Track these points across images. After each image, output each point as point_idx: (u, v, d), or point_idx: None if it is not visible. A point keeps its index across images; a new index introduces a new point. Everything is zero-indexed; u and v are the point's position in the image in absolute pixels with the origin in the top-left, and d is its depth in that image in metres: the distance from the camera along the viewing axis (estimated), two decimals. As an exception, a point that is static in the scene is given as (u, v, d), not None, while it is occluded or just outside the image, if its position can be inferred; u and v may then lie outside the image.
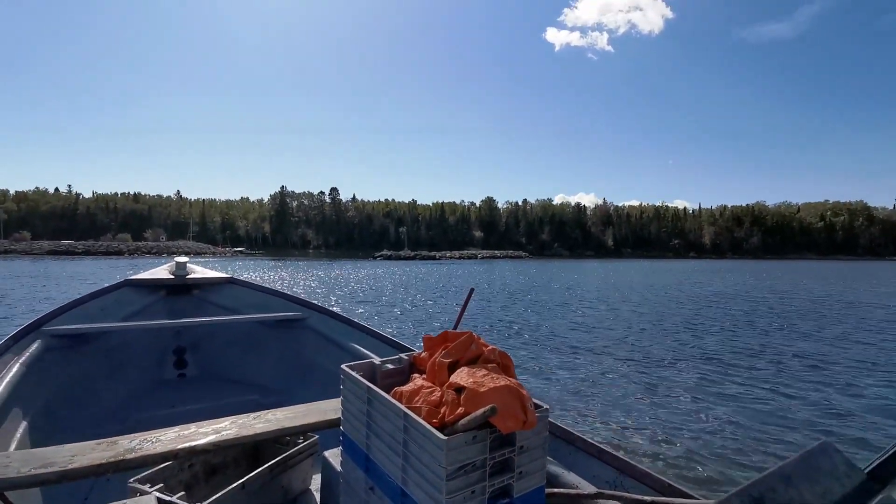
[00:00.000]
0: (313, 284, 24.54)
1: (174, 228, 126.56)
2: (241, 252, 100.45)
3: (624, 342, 9.36)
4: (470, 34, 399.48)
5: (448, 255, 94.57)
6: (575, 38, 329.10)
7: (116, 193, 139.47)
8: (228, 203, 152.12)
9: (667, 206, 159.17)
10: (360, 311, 13.84)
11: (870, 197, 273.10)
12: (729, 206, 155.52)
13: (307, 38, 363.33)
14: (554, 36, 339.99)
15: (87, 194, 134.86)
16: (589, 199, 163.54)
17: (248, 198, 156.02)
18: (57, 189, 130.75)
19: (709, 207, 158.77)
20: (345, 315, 3.60)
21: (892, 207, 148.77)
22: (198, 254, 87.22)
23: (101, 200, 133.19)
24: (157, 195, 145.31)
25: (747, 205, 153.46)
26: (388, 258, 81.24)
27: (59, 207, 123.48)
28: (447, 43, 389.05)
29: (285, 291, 4.03)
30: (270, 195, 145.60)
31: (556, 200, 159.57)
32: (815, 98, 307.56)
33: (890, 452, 0.79)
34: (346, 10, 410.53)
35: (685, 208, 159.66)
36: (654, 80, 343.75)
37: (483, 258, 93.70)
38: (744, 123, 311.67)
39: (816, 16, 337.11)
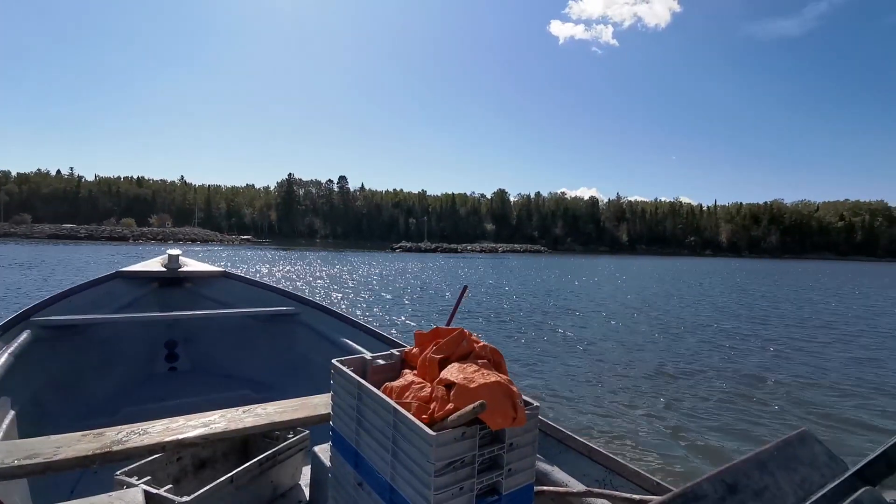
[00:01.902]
0: (345, 281, 21.40)
1: (179, 214, 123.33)
2: (248, 240, 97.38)
3: (618, 343, 9.11)
4: (476, 24, 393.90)
5: (469, 247, 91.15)
6: (579, 32, 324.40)
7: (119, 177, 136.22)
8: (233, 190, 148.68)
9: (681, 202, 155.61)
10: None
11: (890, 197, 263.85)
12: (744, 203, 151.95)
13: (314, 25, 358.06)
14: (558, 29, 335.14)
15: (90, 177, 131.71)
16: (590, 195, 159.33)
17: (253, 185, 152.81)
18: (59, 171, 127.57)
19: (724, 204, 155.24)
20: (337, 310, 3.58)
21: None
22: (205, 241, 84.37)
23: (104, 184, 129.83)
24: (161, 180, 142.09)
25: (765, 202, 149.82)
26: (408, 250, 77.52)
27: (61, 190, 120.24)
28: (452, 34, 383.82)
29: (278, 286, 4.00)
30: (277, 182, 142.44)
31: (559, 195, 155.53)
32: (828, 97, 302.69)
33: (879, 452, 0.78)
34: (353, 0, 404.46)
35: (700, 205, 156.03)
36: (659, 76, 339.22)
37: (503, 251, 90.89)
38: (751, 121, 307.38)
39: (824, 14, 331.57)
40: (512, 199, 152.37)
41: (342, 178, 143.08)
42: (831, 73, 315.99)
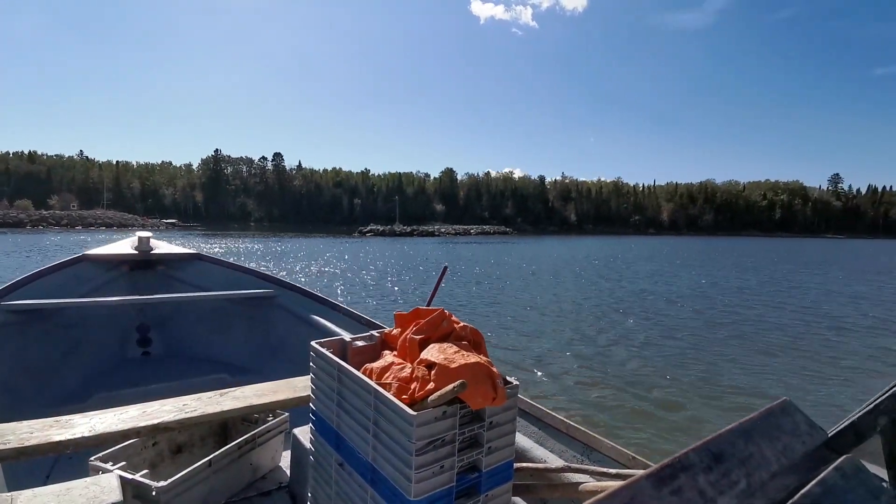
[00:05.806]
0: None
1: (81, 195, 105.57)
2: (174, 225, 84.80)
3: (594, 324, 9.24)
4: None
5: (443, 230, 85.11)
6: (499, 12, 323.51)
7: (8, 153, 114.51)
8: (147, 167, 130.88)
9: (621, 181, 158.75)
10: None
11: (805, 177, 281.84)
12: (675, 182, 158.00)
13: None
14: (479, 8, 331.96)
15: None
16: (517, 175, 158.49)
17: (170, 162, 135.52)
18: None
19: (662, 184, 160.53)
20: (315, 292, 3.56)
21: (824, 188, 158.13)
22: (122, 226, 71.54)
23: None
24: (58, 155, 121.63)
25: (700, 182, 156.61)
26: (380, 234, 69.62)
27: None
28: (380, 10, 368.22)
29: (254, 268, 3.90)
30: (202, 159, 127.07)
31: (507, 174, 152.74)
32: (735, 83, 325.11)
33: (853, 418, 0.78)
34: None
35: (642, 184, 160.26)
36: (576, 59, 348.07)
37: (476, 234, 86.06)
38: (664, 105, 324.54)
39: (723, 8, 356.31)
40: (459, 178, 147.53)
41: (277, 156, 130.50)
42: (734, 63, 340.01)
